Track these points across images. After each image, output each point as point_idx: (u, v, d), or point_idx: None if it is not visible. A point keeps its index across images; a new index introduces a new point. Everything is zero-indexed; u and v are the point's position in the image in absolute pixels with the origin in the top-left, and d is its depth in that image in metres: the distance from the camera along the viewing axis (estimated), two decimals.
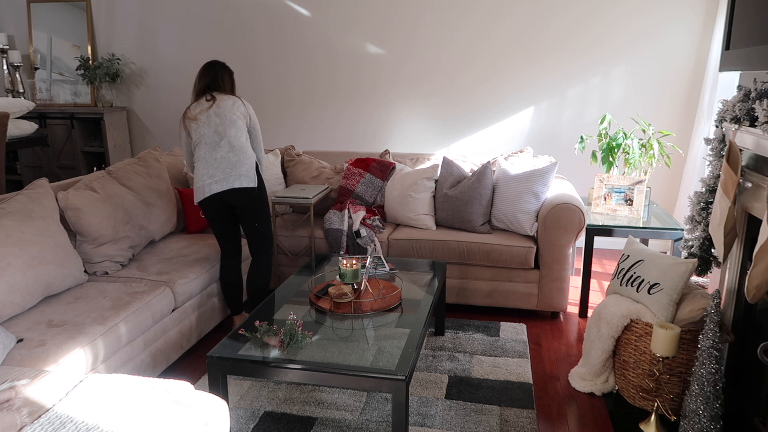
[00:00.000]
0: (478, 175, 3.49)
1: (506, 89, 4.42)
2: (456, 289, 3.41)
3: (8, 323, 2.27)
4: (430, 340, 3.08)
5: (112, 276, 2.85)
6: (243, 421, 2.38)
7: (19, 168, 5.26)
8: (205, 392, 1.76)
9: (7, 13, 5.25)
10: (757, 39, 2.09)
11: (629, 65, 4.20)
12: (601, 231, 3.30)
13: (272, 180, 3.92)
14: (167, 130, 5.18)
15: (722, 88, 3.68)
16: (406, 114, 4.65)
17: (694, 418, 2.09)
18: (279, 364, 2.03)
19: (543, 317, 3.41)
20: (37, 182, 2.73)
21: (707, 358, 2.06)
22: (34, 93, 5.29)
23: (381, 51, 4.56)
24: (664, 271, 2.37)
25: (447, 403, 2.51)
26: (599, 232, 3.30)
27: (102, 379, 1.76)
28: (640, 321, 2.41)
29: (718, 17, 3.86)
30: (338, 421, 2.38)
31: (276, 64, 4.77)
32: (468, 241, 3.34)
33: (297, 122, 4.88)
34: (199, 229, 3.62)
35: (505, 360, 2.87)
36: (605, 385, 2.60)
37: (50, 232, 2.54)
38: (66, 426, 1.52)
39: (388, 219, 3.76)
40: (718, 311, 2.09)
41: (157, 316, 2.60)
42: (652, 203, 3.85)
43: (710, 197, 2.52)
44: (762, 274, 1.82)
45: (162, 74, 5.05)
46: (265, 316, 2.39)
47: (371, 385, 1.96)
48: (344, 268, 2.56)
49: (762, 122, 2.03)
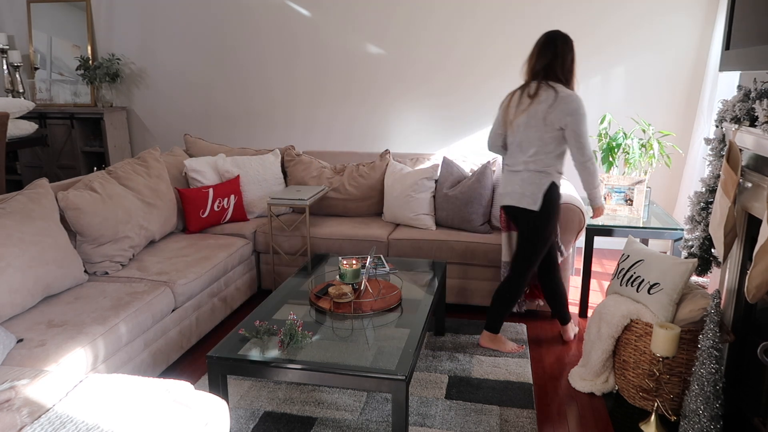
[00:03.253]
0: (478, 175, 3.49)
1: (506, 89, 4.38)
2: (456, 289, 3.41)
3: (8, 323, 2.27)
4: (430, 340, 3.08)
5: (112, 276, 2.85)
6: (243, 421, 2.38)
7: (19, 168, 5.26)
8: (205, 392, 1.76)
9: (7, 13, 5.25)
10: (757, 39, 2.09)
11: (629, 65, 4.20)
12: (601, 231, 3.30)
13: (272, 180, 3.92)
14: (167, 130, 5.18)
15: (722, 88, 3.68)
16: (406, 114, 4.65)
17: (694, 418, 2.09)
18: (279, 364, 2.03)
19: (543, 317, 3.41)
20: (37, 182, 2.73)
21: (707, 358, 2.06)
22: (34, 93, 5.29)
23: (381, 51, 4.56)
24: (664, 271, 2.37)
25: (447, 403, 2.51)
26: (599, 232, 3.30)
27: (102, 379, 1.76)
28: (640, 321, 2.41)
29: (718, 17, 3.86)
30: (338, 421, 2.38)
31: (276, 64, 4.77)
32: (468, 241, 3.34)
33: (297, 122, 4.88)
34: (199, 229, 3.63)
35: (505, 360, 2.87)
36: (605, 385, 2.60)
37: (50, 232, 2.54)
38: (66, 426, 1.52)
39: (387, 219, 3.76)
40: (718, 311, 2.09)
41: (157, 316, 2.60)
42: (652, 203, 3.85)
43: (710, 197, 2.52)
44: (762, 274, 1.82)
45: (162, 74, 5.05)
46: (265, 316, 2.39)
47: (371, 385, 1.96)
48: (344, 268, 2.56)
49: (762, 122, 2.03)
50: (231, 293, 3.32)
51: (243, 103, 4.93)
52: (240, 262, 3.42)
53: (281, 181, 3.98)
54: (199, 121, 5.07)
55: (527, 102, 2.67)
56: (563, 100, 2.59)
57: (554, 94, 2.61)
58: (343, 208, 3.89)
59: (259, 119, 4.94)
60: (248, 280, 3.56)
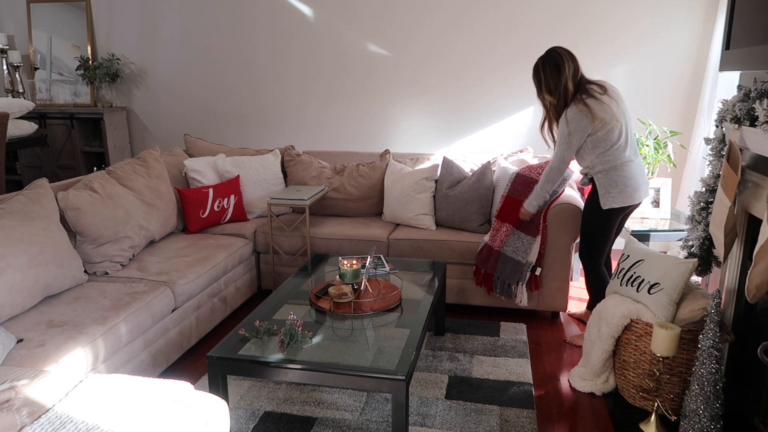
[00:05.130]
0: (478, 175, 3.49)
1: (507, 89, 4.41)
2: (456, 289, 3.41)
3: (8, 323, 2.27)
4: (430, 340, 3.08)
5: (112, 276, 2.85)
6: (243, 421, 2.38)
7: (19, 168, 5.25)
8: (205, 392, 1.76)
9: (7, 13, 5.25)
10: (757, 39, 2.09)
11: (629, 65, 4.19)
12: (641, 237, 3.28)
13: (272, 180, 3.92)
14: (167, 130, 5.18)
15: (722, 88, 3.68)
16: (407, 114, 4.65)
17: (694, 418, 2.09)
18: (279, 364, 2.03)
19: (543, 317, 3.41)
20: (37, 182, 2.73)
21: (707, 358, 2.06)
22: (34, 93, 5.29)
23: (381, 50, 4.55)
24: (665, 271, 2.37)
25: (447, 403, 2.51)
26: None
27: (102, 379, 1.76)
28: (641, 321, 2.41)
29: (718, 17, 3.86)
30: (338, 421, 2.38)
31: (276, 63, 4.77)
32: (468, 241, 3.34)
33: (297, 122, 4.88)
34: (199, 229, 3.63)
35: (505, 360, 2.87)
36: (605, 385, 2.60)
37: (50, 233, 2.54)
38: (66, 426, 1.52)
39: (387, 219, 3.76)
40: (718, 311, 2.08)
41: (157, 316, 2.60)
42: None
43: (710, 197, 2.52)
44: (762, 273, 1.82)
45: (162, 74, 5.05)
46: (265, 316, 2.39)
47: (371, 385, 1.96)
48: (344, 268, 2.56)
49: (762, 122, 2.03)
50: (231, 293, 3.32)
51: (243, 103, 4.93)
52: (240, 262, 3.42)
53: (281, 181, 3.98)
54: (199, 121, 5.07)
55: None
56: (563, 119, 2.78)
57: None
58: (343, 208, 3.89)
59: (259, 119, 4.94)
60: (248, 280, 3.55)
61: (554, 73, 2.75)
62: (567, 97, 2.76)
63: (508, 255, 3.16)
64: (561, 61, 2.74)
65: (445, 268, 3.02)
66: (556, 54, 2.77)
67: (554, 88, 2.76)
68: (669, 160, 3.66)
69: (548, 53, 2.80)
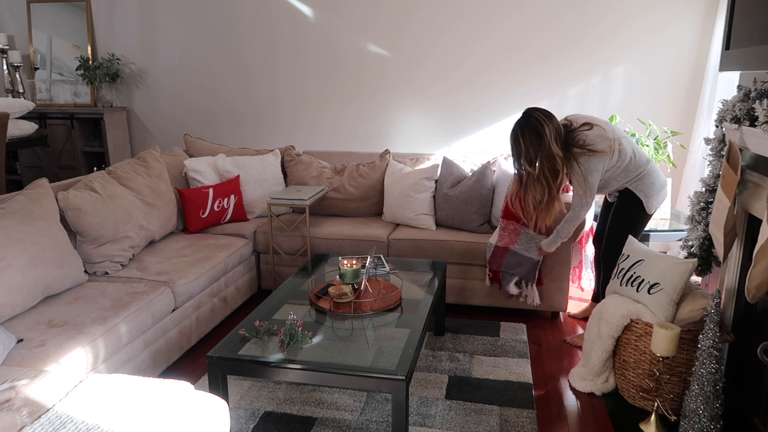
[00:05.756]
0: (478, 175, 3.49)
1: (507, 89, 4.41)
2: (456, 289, 3.41)
3: (8, 323, 2.27)
4: (430, 340, 3.08)
5: (112, 276, 2.85)
6: (243, 421, 2.38)
7: (19, 168, 5.25)
8: (205, 392, 1.76)
9: (7, 13, 5.25)
10: (757, 39, 2.09)
11: (629, 65, 4.19)
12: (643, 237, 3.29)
13: (272, 180, 3.92)
14: (167, 130, 5.18)
15: (722, 88, 3.68)
16: (406, 114, 4.65)
17: (694, 418, 2.09)
18: (279, 364, 2.03)
19: (543, 317, 3.41)
20: (37, 182, 2.73)
21: (707, 358, 2.06)
22: (34, 93, 5.28)
23: (381, 51, 4.55)
24: (664, 271, 2.37)
25: (447, 403, 2.51)
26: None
27: (102, 379, 1.76)
28: (640, 321, 2.41)
29: (718, 17, 3.86)
30: (338, 421, 2.38)
31: (276, 63, 4.77)
32: (468, 241, 3.34)
33: (297, 122, 4.88)
34: (199, 229, 3.63)
35: (505, 360, 2.87)
36: (605, 385, 2.60)
37: (50, 233, 2.54)
38: (66, 426, 1.52)
39: (387, 219, 3.76)
40: (718, 311, 2.09)
41: (157, 316, 2.60)
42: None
43: (710, 197, 2.52)
44: (762, 273, 1.82)
45: (162, 74, 5.05)
46: (265, 316, 2.39)
47: (371, 385, 1.96)
48: (344, 268, 2.56)
49: (762, 122, 2.03)
50: (231, 293, 3.32)
51: (243, 103, 4.93)
52: (240, 262, 3.42)
53: (281, 181, 3.98)
54: (199, 121, 5.06)
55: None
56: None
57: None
58: (343, 208, 3.89)
59: (259, 119, 4.94)
60: (248, 280, 3.56)
61: (534, 141, 2.62)
62: (555, 164, 2.64)
63: (520, 252, 3.17)
64: (540, 127, 2.61)
65: (445, 268, 3.02)
66: (533, 120, 2.63)
67: (534, 156, 2.64)
68: (669, 160, 3.70)
69: (526, 119, 2.66)
